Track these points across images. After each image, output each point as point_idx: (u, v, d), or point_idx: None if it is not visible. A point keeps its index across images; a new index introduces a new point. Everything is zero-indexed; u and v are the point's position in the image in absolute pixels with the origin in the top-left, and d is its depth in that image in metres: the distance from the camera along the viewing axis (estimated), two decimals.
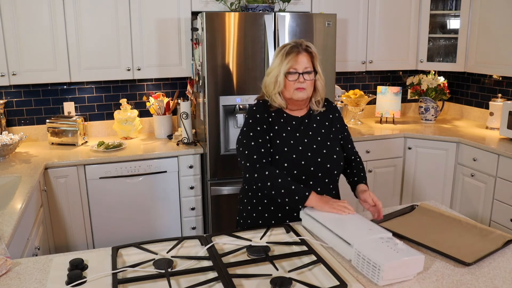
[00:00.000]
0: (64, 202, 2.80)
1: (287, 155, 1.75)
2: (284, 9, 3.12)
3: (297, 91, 1.73)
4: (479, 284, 1.30)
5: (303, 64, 1.72)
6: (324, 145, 1.79)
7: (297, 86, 1.72)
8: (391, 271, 1.27)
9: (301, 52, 1.72)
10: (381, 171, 3.51)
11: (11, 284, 1.31)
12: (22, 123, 3.24)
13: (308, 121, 1.82)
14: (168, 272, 1.32)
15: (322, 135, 1.81)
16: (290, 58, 1.71)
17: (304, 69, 1.72)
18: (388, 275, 1.27)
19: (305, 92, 1.74)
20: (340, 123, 1.90)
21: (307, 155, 1.75)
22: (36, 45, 2.85)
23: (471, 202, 3.20)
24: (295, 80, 1.72)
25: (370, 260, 1.29)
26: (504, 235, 1.58)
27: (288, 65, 1.71)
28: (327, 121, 1.85)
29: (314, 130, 1.81)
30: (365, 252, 1.32)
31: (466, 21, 3.51)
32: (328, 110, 1.88)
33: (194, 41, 3.03)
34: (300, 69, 1.72)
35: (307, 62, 1.73)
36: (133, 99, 3.46)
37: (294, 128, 1.79)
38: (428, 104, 3.80)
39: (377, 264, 1.26)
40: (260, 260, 1.41)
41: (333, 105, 1.92)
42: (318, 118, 1.84)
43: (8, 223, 1.76)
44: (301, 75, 1.72)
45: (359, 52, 3.59)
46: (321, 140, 1.80)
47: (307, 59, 1.73)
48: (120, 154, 2.90)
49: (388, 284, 1.28)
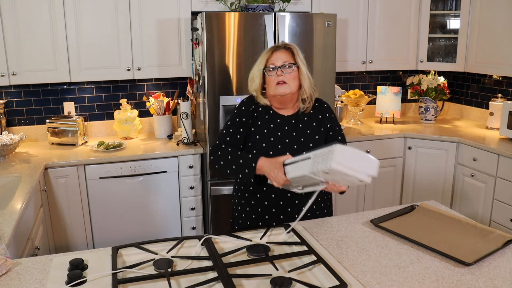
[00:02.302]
0: (64, 202, 2.80)
1: (264, 151, 1.76)
2: (284, 9, 3.12)
3: (278, 86, 1.72)
4: (479, 284, 1.30)
5: (281, 59, 1.73)
6: (306, 147, 1.77)
7: (277, 80, 1.71)
8: (342, 155, 1.31)
9: (279, 50, 1.75)
10: (381, 171, 3.48)
11: (11, 284, 1.31)
12: (22, 123, 3.24)
13: (294, 122, 1.81)
14: (168, 272, 1.32)
15: (307, 136, 1.79)
16: (268, 55, 1.74)
17: (283, 63, 1.72)
18: (338, 157, 1.30)
19: (287, 86, 1.71)
20: (332, 123, 1.85)
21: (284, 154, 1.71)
22: (36, 45, 2.85)
23: (471, 202, 3.20)
24: (274, 74, 1.72)
25: (325, 150, 1.34)
26: (504, 235, 1.58)
27: (263, 62, 1.73)
28: (316, 122, 1.82)
29: (299, 131, 1.79)
30: (321, 150, 1.37)
31: (466, 21, 3.51)
32: (319, 110, 1.84)
33: (194, 41, 3.03)
34: (278, 63, 1.72)
35: (286, 57, 1.74)
36: (133, 99, 3.46)
37: (278, 126, 1.79)
38: (428, 104, 3.80)
39: (331, 149, 1.33)
40: (260, 260, 1.41)
41: (324, 105, 1.87)
42: (306, 119, 1.82)
43: (8, 223, 1.76)
44: (279, 68, 1.72)
45: (359, 52, 3.59)
46: (304, 141, 1.78)
47: (285, 54, 1.74)
48: (120, 154, 2.90)
49: (338, 168, 1.30)
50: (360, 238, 1.61)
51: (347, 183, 1.48)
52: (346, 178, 1.39)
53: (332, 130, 1.84)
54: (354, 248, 1.53)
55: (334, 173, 1.36)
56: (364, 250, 1.51)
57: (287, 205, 1.82)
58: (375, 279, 1.33)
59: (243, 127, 1.80)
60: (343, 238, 1.61)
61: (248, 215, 1.88)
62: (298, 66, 1.75)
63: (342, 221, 1.77)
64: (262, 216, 1.84)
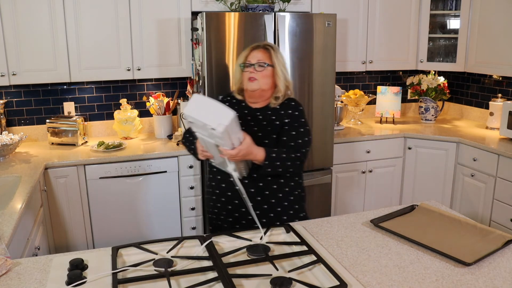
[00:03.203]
0: (64, 202, 2.80)
1: None
2: (284, 9, 3.12)
3: (249, 81, 1.82)
4: (479, 284, 1.30)
5: (257, 57, 1.83)
6: (259, 139, 1.80)
7: (248, 76, 1.82)
8: (196, 104, 1.45)
9: (257, 49, 1.85)
10: (381, 171, 3.51)
11: (11, 284, 1.31)
12: (22, 123, 3.24)
13: (259, 114, 1.87)
14: (168, 272, 1.32)
15: (264, 131, 1.84)
16: (246, 53, 1.86)
17: (257, 61, 1.82)
18: (192, 105, 1.45)
19: (256, 83, 1.81)
20: (291, 119, 1.85)
21: None
22: (36, 45, 2.85)
23: (471, 202, 3.20)
24: (248, 71, 1.82)
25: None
26: (504, 235, 1.58)
27: (241, 59, 1.85)
28: (278, 117, 1.86)
29: (259, 125, 1.85)
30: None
31: (466, 21, 3.51)
32: (286, 107, 1.87)
33: (194, 41, 3.03)
34: (253, 61, 1.82)
35: (261, 56, 1.83)
36: (133, 99, 3.46)
37: (243, 118, 1.85)
38: (428, 104, 3.80)
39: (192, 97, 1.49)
40: (260, 260, 1.41)
41: (294, 104, 1.89)
42: (270, 113, 1.87)
43: (8, 223, 1.76)
44: (253, 66, 1.81)
45: (359, 52, 3.59)
46: (261, 135, 1.83)
47: (262, 54, 1.84)
48: (120, 154, 2.90)
49: (192, 115, 1.44)
50: (360, 238, 1.61)
51: (225, 143, 1.55)
52: (210, 132, 1.47)
53: (288, 125, 1.84)
54: (354, 248, 1.53)
55: (196, 126, 1.50)
56: (364, 250, 1.51)
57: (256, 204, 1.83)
58: (375, 279, 1.33)
59: None
60: (343, 238, 1.61)
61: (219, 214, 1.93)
62: (274, 66, 1.83)
63: (342, 221, 1.77)
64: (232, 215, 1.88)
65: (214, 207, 1.94)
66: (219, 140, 1.52)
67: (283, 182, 1.85)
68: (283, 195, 1.86)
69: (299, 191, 1.93)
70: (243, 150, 1.59)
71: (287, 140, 1.82)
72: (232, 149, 1.57)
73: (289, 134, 1.83)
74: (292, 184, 1.88)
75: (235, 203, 1.85)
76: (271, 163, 1.72)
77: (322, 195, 3.22)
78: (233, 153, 1.57)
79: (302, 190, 1.96)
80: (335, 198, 3.42)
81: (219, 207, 1.91)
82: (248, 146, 1.62)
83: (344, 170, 3.39)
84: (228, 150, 1.56)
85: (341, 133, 3.48)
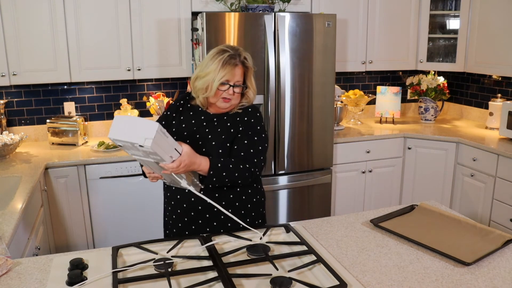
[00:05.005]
0: (64, 202, 2.80)
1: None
2: (284, 9, 3.12)
3: (222, 100, 1.72)
4: (479, 284, 1.30)
5: (236, 77, 1.71)
6: (209, 145, 1.73)
7: (223, 96, 1.71)
8: (118, 125, 1.38)
9: (238, 65, 1.71)
10: (381, 171, 3.51)
11: (12, 284, 1.32)
12: (23, 123, 3.25)
13: (215, 120, 1.77)
14: (168, 272, 1.32)
15: (217, 138, 1.74)
16: (228, 70, 1.68)
17: (236, 82, 1.71)
18: (114, 127, 1.38)
19: (229, 103, 1.73)
20: (247, 126, 1.76)
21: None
22: (36, 45, 2.85)
23: (471, 202, 3.20)
24: (224, 90, 1.70)
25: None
26: (504, 235, 1.59)
27: (224, 77, 1.68)
28: (233, 124, 1.77)
29: (214, 131, 1.75)
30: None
31: (465, 21, 3.51)
32: (243, 114, 1.79)
33: (194, 41, 3.03)
34: (232, 82, 1.70)
35: (239, 76, 1.72)
36: (133, 99, 3.46)
37: (198, 123, 1.78)
38: (427, 104, 3.80)
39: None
40: (260, 260, 1.41)
41: (251, 111, 1.80)
42: (226, 118, 1.77)
43: (8, 223, 1.76)
44: (231, 87, 1.70)
45: (359, 52, 3.60)
46: (210, 138, 1.74)
47: (241, 72, 1.72)
48: (120, 154, 2.90)
49: (116, 137, 1.38)
50: (360, 238, 1.61)
51: (162, 156, 1.45)
52: (143, 150, 1.41)
53: (242, 133, 1.76)
54: (354, 248, 1.54)
55: (127, 147, 1.43)
56: (364, 250, 1.52)
57: (205, 212, 1.76)
58: (375, 279, 1.33)
59: (167, 120, 1.84)
60: (343, 238, 1.62)
61: (174, 226, 1.84)
62: (248, 87, 1.76)
63: (342, 221, 1.77)
64: (189, 227, 1.79)
65: (170, 218, 1.85)
66: (154, 156, 1.42)
67: (239, 191, 1.77)
68: (240, 203, 1.78)
69: (257, 197, 1.84)
70: (184, 161, 1.49)
71: (237, 150, 1.72)
72: (172, 162, 1.47)
73: (241, 142, 1.74)
74: (249, 192, 1.80)
75: (191, 215, 1.77)
76: (217, 174, 1.61)
77: (322, 195, 3.22)
78: (174, 166, 1.47)
79: (261, 195, 1.87)
80: (335, 198, 3.42)
81: (175, 218, 1.82)
82: (188, 155, 1.51)
83: (344, 170, 3.40)
84: (168, 164, 1.46)
85: (341, 133, 3.48)
